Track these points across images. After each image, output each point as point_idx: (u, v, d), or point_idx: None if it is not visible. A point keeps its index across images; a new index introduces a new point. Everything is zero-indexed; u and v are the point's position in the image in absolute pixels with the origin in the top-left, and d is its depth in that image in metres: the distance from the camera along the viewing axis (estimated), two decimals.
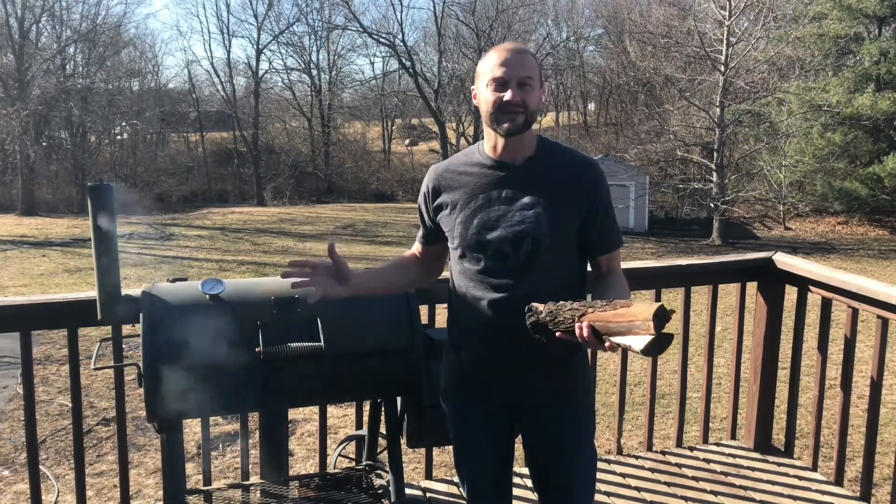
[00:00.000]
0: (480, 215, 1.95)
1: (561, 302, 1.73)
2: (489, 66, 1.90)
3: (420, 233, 2.17)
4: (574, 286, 1.98)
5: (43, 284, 15.72)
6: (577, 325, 1.66)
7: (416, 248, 2.20)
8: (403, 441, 2.63)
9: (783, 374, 3.40)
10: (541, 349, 1.84)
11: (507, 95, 1.87)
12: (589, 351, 2.10)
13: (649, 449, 3.52)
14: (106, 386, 8.32)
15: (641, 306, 1.60)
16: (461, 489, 2.26)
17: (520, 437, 2.18)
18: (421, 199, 2.10)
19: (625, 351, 3.39)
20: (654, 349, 1.60)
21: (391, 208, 31.88)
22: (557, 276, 1.94)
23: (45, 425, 7.32)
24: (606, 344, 1.63)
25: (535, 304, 1.77)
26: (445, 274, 2.20)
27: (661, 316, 1.57)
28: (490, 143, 1.98)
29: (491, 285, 1.94)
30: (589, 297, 2.01)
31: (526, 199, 1.93)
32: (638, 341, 1.58)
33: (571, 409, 2.05)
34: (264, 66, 40.94)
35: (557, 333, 1.72)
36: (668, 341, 1.60)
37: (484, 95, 1.91)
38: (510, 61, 1.88)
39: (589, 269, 2.09)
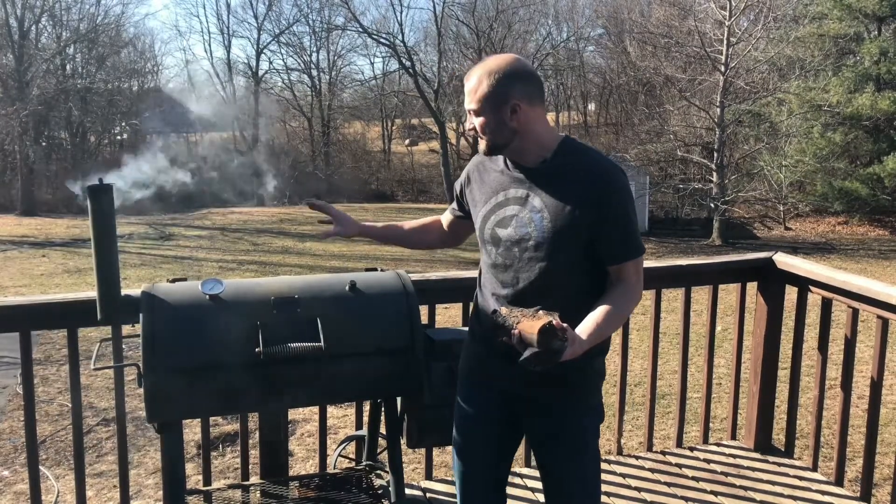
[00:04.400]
0: (498, 212, 2.03)
1: (516, 309, 1.82)
2: None
3: (454, 204, 2.30)
4: (577, 290, 1.96)
5: (43, 285, 15.71)
6: (513, 331, 1.75)
7: (447, 216, 2.36)
8: (403, 441, 2.63)
9: (783, 375, 3.40)
10: None
11: (467, 125, 2.01)
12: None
13: (649, 449, 3.52)
14: (106, 386, 8.32)
15: (540, 320, 1.67)
16: (455, 484, 2.25)
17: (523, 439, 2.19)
18: (462, 177, 2.23)
19: (624, 351, 3.41)
20: (535, 362, 1.67)
21: (391, 208, 31.87)
22: (560, 278, 1.94)
23: (45, 425, 7.32)
24: (525, 353, 1.71)
25: (501, 308, 1.86)
26: (471, 273, 2.27)
27: (547, 332, 1.64)
28: None
29: (498, 280, 2.02)
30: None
31: (536, 202, 1.96)
32: (528, 352, 1.68)
33: (572, 408, 2.04)
34: (264, 66, 40.91)
35: (504, 339, 1.78)
36: (552, 358, 1.67)
37: None
38: (466, 92, 2.00)
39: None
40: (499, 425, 2.13)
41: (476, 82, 1.95)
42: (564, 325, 1.71)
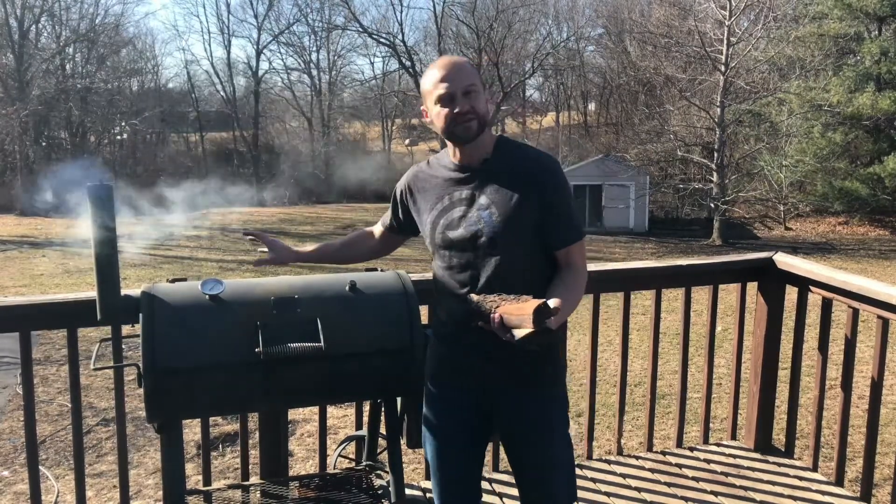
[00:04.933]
0: (445, 216, 2.08)
1: (490, 295, 1.89)
2: (432, 83, 2.03)
3: (387, 218, 2.35)
4: (535, 279, 2.02)
5: (43, 284, 15.71)
6: (492, 315, 1.82)
7: (378, 229, 2.41)
8: (403, 441, 2.63)
9: (783, 375, 3.40)
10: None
11: (458, 108, 1.99)
12: (573, 340, 2.14)
13: (649, 449, 3.52)
14: (106, 386, 8.32)
15: (532, 302, 1.75)
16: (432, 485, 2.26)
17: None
18: (397, 192, 2.26)
19: (625, 351, 3.41)
20: (532, 341, 1.74)
21: None
22: (515, 270, 2.01)
23: (45, 425, 7.32)
24: (507, 335, 1.78)
25: (471, 295, 1.94)
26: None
27: (542, 312, 1.72)
28: (451, 151, 2.12)
29: (456, 280, 2.07)
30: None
31: (483, 200, 2.03)
32: (521, 332, 1.74)
33: (539, 397, 2.10)
34: (264, 66, 40.96)
35: (480, 323, 1.87)
36: (546, 336, 1.76)
37: (435, 111, 2.04)
38: (451, 76, 2.00)
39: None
40: (471, 423, 2.16)
41: (467, 65, 2.04)
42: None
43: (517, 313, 1.76)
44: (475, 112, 1.99)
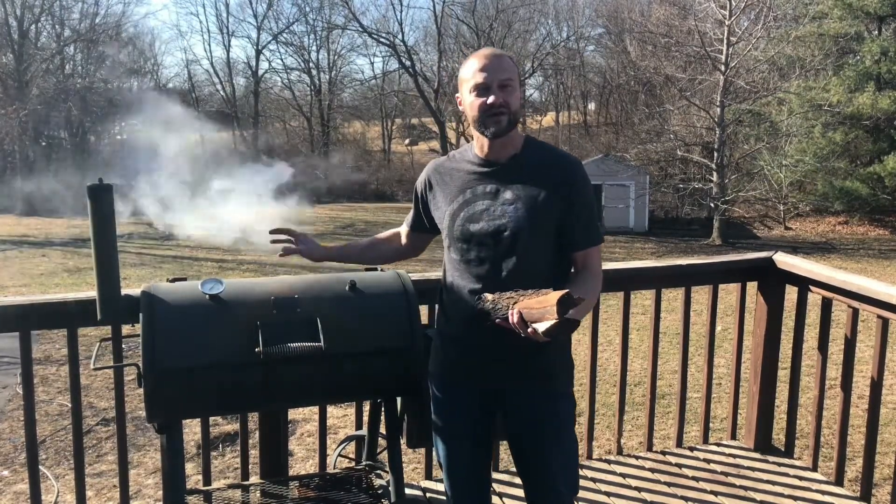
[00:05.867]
0: (467, 209, 2.07)
1: (505, 293, 1.86)
2: (471, 72, 2.01)
3: (410, 217, 2.34)
4: (552, 278, 2.01)
5: (43, 284, 15.71)
6: (509, 312, 1.79)
7: (403, 229, 2.40)
8: (403, 441, 2.63)
9: (783, 374, 3.40)
10: (517, 336, 1.86)
11: (491, 99, 1.98)
12: (572, 340, 2.14)
13: (649, 449, 3.52)
14: (106, 386, 8.32)
15: (554, 293, 1.73)
16: (444, 480, 2.28)
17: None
18: (418, 187, 2.25)
19: (625, 351, 3.41)
20: (556, 331, 1.72)
21: (391, 208, 31.88)
22: (535, 268, 2.01)
23: (45, 425, 7.32)
24: (529, 330, 1.75)
25: (485, 294, 1.92)
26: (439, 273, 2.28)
27: (566, 302, 1.71)
28: (478, 144, 2.10)
29: (473, 274, 2.05)
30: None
31: (508, 195, 2.02)
32: (544, 324, 1.72)
33: (549, 394, 2.11)
34: (264, 65, 40.95)
35: (497, 321, 1.85)
36: (572, 326, 1.75)
37: (469, 101, 2.03)
38: (490, 66, 1.99)
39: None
40: (479, 424, 2.18)
41: (507, 60, 2.03)
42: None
43: (538, 306, 1.75)
44: (507, 106, 1.98)
